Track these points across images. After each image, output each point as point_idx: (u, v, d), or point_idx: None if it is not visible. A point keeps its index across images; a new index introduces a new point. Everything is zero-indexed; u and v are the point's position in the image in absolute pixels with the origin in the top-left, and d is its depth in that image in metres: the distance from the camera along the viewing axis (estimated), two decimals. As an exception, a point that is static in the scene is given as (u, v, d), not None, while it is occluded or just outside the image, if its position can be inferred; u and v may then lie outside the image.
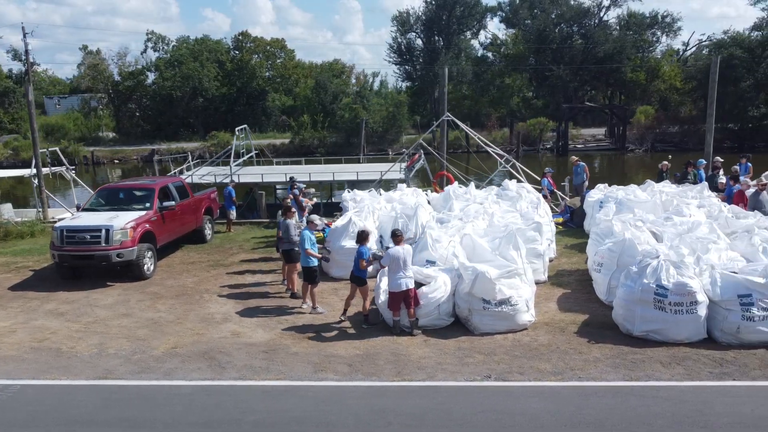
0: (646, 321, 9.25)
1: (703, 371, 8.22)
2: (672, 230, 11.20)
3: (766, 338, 8.83)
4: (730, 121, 41.73)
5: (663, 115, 46.97)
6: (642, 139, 43.60)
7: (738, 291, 8.94)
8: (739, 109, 39.90)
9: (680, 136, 43.44)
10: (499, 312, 9.75)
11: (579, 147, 45.69)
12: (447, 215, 13.51)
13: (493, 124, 48.97)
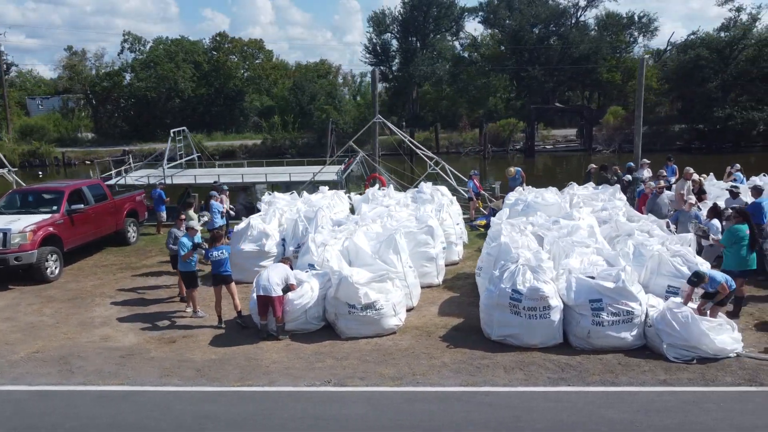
0: (503, 325, 9.24)
1: (542, 377, 8.20)
2: (554, 233, 11.17)
3: (616, 343, 8.82)
4: (698, 122, 41.67)
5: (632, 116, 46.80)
6: (610, 139, 43.52)
7: (590, 296, 8.93)
8: (707, 109, 39.83)
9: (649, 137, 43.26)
10: (364, 316, 9.74)
11: (548, 148, 45.65)
12: (350, 218, 13.47)
13: (465, 125, 48.87)
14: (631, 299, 8.82)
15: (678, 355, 8.48)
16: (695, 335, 8.37)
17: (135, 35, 58.68)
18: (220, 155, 45.75)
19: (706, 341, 8.36)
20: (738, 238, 9.71)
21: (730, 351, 8.50)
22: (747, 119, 38.23)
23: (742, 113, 38.42)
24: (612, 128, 44.25)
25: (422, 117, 54.88)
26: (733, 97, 39.31)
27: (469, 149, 45.18)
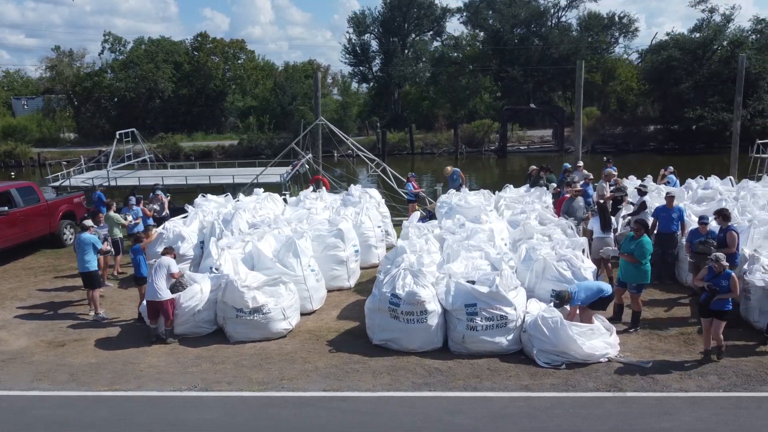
0: (384, 330, 9.25)
1: (407, 382, 8.20)
2: (455, 237, 11.17)
3: (491, 348, 8.82)
4: (672, 123, 41.64)
5: (605, 116, 46.92)
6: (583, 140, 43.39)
7: (466, 300, 8.92)
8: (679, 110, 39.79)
9: (623, 137, 43.34)
10: (251, 320, 9.74)
11: (522, 149, 45.62)
12: (268, 221, 13.44)
13: (441, 126, 48.86)
14: (505, 304, 8.81)
15: (549, 360, 8.48)
16: (563, 340, 8.37)
17: (116, 35, 58.74)
18: (196, 156, 45.86)
19: (574, 346, 8.36)
20: (647, 252, 9.63)
21: (599, 356, 8.50)
22: (718, 120, 38.18)
23: (713, 114, 38.37)
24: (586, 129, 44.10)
25: (404, 118, 54.91)
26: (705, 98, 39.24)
27: (443, 150, 45.15)
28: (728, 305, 8.31)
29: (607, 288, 9.00)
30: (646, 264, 9.47)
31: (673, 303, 10.94)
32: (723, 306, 8.28)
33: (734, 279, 8.24)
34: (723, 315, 8.31)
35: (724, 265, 8.24)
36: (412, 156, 44.40)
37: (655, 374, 8.17)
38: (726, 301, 8.25)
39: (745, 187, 15.23)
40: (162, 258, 9.97)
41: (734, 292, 8.26)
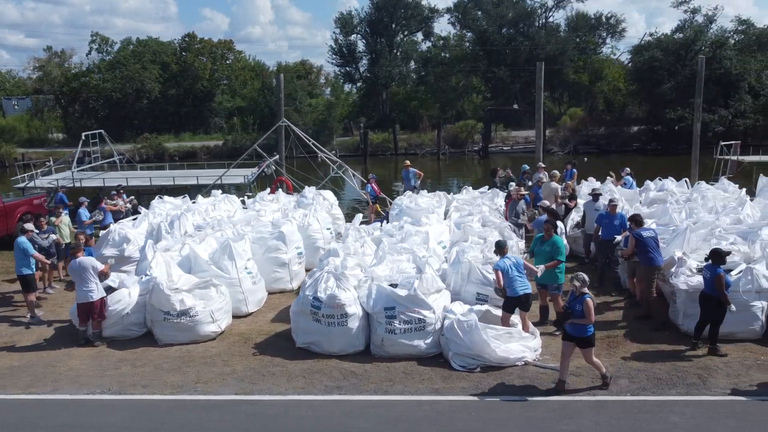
0: (306, 332, 9.26)
1: (320, 385, 8.21)
2: (391, 240, 11.18)
3: (409, 351, 8.83)
4: (655, 124, 41.63)
5: (588, 117, 46.90)
6: (566, 141, 43.50)
7: (386, 303, 8.93)
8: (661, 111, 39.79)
9: (605, 138, 43.33)
10: (178, 323, 9.74)
11: (505, 149, 45.60)
12: (212, 223, 13.43)
13: (425, 126, 48.83)
14: (423, 307, 8.82)
15: (464, 363, 8.49)
16: (478, 344, 8.38)
17: (103, 36, 58.76)
18: (180, 156, 45.85)
19: (488, 350, 8.36)
20: (563, 248, 9.68)
21: (515, 359, 8.51)
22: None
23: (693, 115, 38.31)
24: (569, 129, 44.21)
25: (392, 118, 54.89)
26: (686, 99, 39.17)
27: (426, 151, 45.15)
28: (587, 331, 7.57)
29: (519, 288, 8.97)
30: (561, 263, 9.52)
31: (608, 307, 10.93)
32: (582, 332, 7.58)
33: (588, 304, 7.43)
34: (585, 341, 7.63)
35: (581, 290, 7.55)
36: (396, 157, 44.36)
37: (569, 377, 8.16)
38: (584, 327, 7.55)
39: (698, 189, 15.25)
40: (82, 260, 9.89)
41: (587, 318, 7.46)
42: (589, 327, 7.59)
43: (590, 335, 7.64)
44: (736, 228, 11.57)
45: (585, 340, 7.64)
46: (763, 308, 9.18)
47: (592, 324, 7.59)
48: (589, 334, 7.62)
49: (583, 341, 7.65)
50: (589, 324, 7.56)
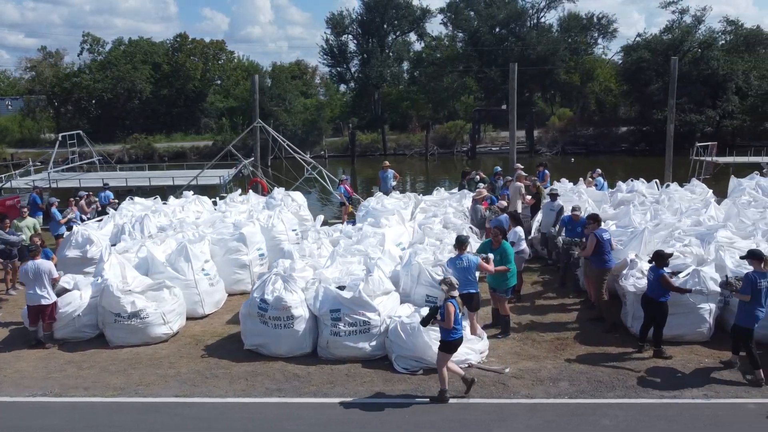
0: (254, 335, 9.26)
1: (261, 388, 8.21)
2: (346, 241, 11.18)
3: (354, 353, 8.82)
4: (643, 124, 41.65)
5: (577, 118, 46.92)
6: (554, 142, 43.50)
7: (332, 306, 8.93)
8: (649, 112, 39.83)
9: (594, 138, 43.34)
10: (129, 325, 9.75)
11: (494, 150, 45.62)
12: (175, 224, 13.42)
13: (414, 127, 48.84)
14: (368, 309, 8.82)
15: (407, 366, 8.49)
16: (420, 346, 8.38)
17: (94, 36, 58.79)
18: (170, 157, 45.90)
19: (430, 352, 8.34)
20: (512, 255, 9.67)
21: (458, 362, 8.44)
22: (685, 122, 38.17)
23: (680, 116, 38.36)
24: (557, 130, 44.21)
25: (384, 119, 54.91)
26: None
27: (414, 151, 45.18)
28: (449, 335, 7.44)
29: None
30: (513, 268, 9.50)
31: (564, 308, 10.94)
32: (443, 335, 7.49)
33: (448, 309, 7.30)
34: (443, 344, 7.52)
35: (449, 294, 7.49)
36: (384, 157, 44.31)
37: (510, 380, 8.19)
38: (446, 330, 7.43)
39: (666, 191, 15.25)
40: (40, 263, 9.94)
41: (447, 323, 7.33)
42: (452, 332, 7.43)
43: (450, 341, 7.48)
44: (695, 230, 11.56)
45: (443, 343, 7.54)
46: (710, 310, 9.17)
47: (455, 330, 7.43)
48: (450, 339, 7.47)
49: (442, 344, 7.56)
50: (448, 328, 7.39)
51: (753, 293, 7.85)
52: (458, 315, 7.46)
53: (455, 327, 7.41)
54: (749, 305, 7.92)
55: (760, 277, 7.85)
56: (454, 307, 7.39)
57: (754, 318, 7.97)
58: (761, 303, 7.90)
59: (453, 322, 7.33)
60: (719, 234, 10.77)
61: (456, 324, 7.41)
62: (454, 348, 7.57)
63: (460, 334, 7.53)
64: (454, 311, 7.34)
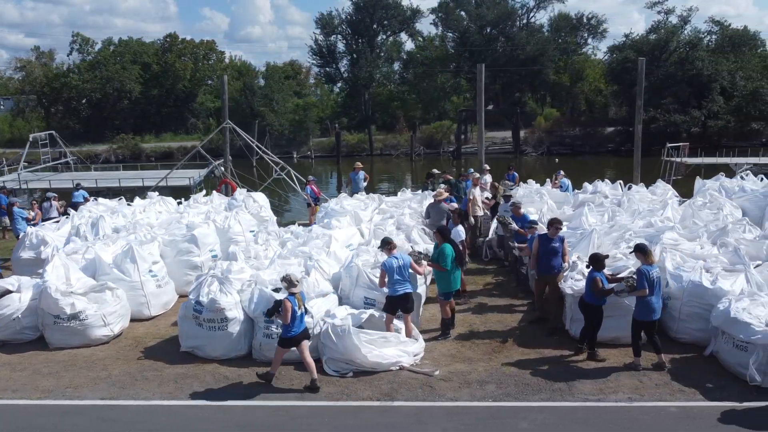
0: (189, 337, 9.24)
1: (189, 390, 8.17)
2: (293, 242, 11.16)
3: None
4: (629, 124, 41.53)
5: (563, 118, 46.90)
6: (540, 142, 43.47)
7: (265, 307, 8.87)
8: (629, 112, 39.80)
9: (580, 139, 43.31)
10: (68, 327, 9.71)
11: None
12: (129, 226, 13.38)
13: (402, 127, 48.81)
14: (301, 311, 8.77)
15: (338, 368, 8.46)
16: (350, 348, 8.35)
17: (84, 36, 58.75)
18: (157, 157, 45.91)
19: (359, 355, 8.33)
20: (448, 257, 9.63)
21: (389, 364, 8.47)
22: (669, 122, 38.14)
23: (665, 116, 38.36)
24: (543, 131, 44.18)
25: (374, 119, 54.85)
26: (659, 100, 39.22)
27: (400, 152, 45.16)
28: (286, 331, 7.82)
29: (400, 288, 8.92)
30: (453, 271, 9.44)
31: (510, 309, 10.90)
32: (282, 331, 7.94)
33: (285, 305, 7.65)
34: (280, 340, 7.96)
35: (289, 290, 7.83)
36: (371, 157, 44.37)
37: (438, 382, 8.15)
38: (284, 326, 7.82)
39: (627, 192, 15.22)
40: None
41: (283, 318, 7.70)
42: (290, 329, 7.74)
43: (287, 337, 7.80)
44: (645, 231, 11.52)
45: (280, 338, 7.94)
46: (647, 313, 9.13)
47: (292, 326, 7.74)
48: (288, 335, 7.78)
49: (279, 339, 7.97)
50: (285, 323, 7.71)
51: (649, 285, 8.00)
52: (296, 312, 7.77)
53: (292, 324, 7.74)
54: (645, 298, 8.06)
55: (651, 269, 8.05)
56: (291, 303, 7.67)
57: (652, 310, 8.13)
58: (656, 294, 8.07)
59: (289, 318, 7.64)
60: (665, 236, 10.74)
61: (293, 321, 7.72)
62: (289, 344, 7.89)
63: (297, 331, 7.84)
64: (291, 308, 7.64)
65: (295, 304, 7.71)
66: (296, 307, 7.75)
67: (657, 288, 8.10)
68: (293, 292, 7.79)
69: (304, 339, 7.96)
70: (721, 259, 9.68)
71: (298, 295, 7.93)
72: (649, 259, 8.18)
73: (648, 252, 8.25)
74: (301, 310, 7.94)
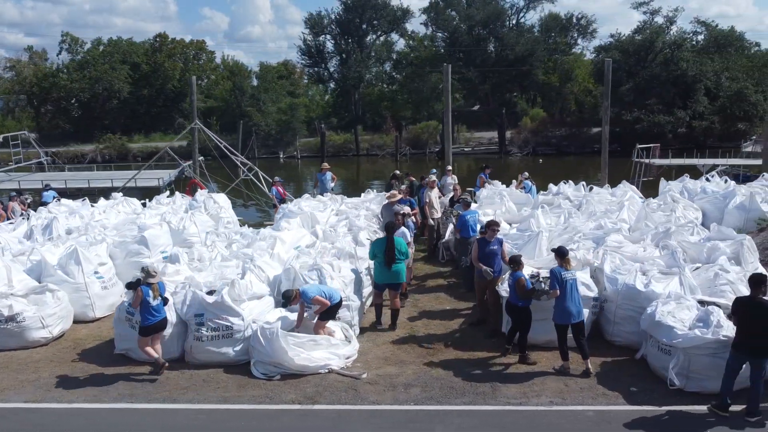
0: (123, 339, 9.21)
1: (114, 393, 8.13)
2: (241, 243, 11.14)
3: (218, 358, 8.76)
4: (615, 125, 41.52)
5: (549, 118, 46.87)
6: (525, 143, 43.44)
7: (197, 310, 8.87)
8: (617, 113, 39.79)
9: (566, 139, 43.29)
10: (5, 329, 9.65)
11: (467, 150, 45.58)
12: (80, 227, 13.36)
13: (388, 127, 48.77)
14: (231, 314, 8.76)
15: (266, 371, 8.44)
16: (277, 351, 8.32)
17: (73, 36, 58.71)
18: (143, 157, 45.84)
19: (286, 357, 8.31)
20: (374, 252, 9.75)
21: (316, 367, 8.45)
22: (654, 122, 38.12)
23: (649, 117, 38.32)
24: (529, 131, 44.15)
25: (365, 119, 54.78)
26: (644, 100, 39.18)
27: (386, 152, 45.14)
28: (142, 321, 8.37)
29: (336, 295, 8.93)
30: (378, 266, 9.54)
31: (455, 312, 10.88)
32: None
33: (137, 293, 8.25)
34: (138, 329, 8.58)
35: (147, 281, 8.38)
36: (358, 158, 44.35)
37: (363, 386, 8.13)
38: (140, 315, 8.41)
39: (588, 193, 15.21)
40: None
41: (134, 305, 8.38)
42: (146, 318, 8.31)
43: (144, 325, 8.33)
44: (594, 233, 11.51)
45: (140, 327, 8.43)
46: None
47: (146, 315, 8.34)
48: (144, 324, 8.32)
49: (139, 328, 8.46)
50: (134, 308, 8.48)
51: (560, 287, 8.03)
52: (148, 301, 8.23)
53: (145, 312, 8.26)
54: (560, 301, 8.08)
55: (564, 272, 8.07)
56: (143, 292, 8.18)
57: (567, 314, 8.12)
58: (570, 297, 8.06)
59: (137, 304, 8.24)
60: (610, 238, 10.74)
61: (146, 309, 8.24)
62: (147, 332, 8.35)
63: (153, 320, 8.31)
64: (141, 296, 8.17)
65: (147, 294, 8.22)
66: (148, 297, 8.23)
67: (570, 291, 8.07)
68: (149, 283, 8.30)
69: (162, 329, 8.50)
70: (658, 261, 9.66)
71: (155, 285, 8.37)
72: (565, 262, 8.16)
73: (564, 255, 8.25)
74: (157, 301, 8.36)
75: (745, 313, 6.90)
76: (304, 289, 8.69)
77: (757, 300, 6.91)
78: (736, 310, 7.00)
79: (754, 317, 6.83)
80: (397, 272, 9.83)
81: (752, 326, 6.83)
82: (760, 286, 6.93)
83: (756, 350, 6.85)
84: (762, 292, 6.92)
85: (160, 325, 8.42)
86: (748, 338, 6.87)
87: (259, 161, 46.54)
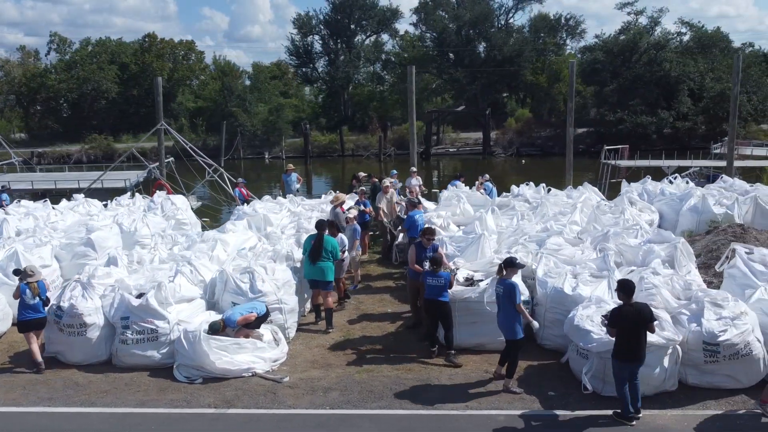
0: (52, 342, 9.21)
1: (34, 397, 8.11)
2: (182, 245, 11.13)
3: (143, 361, 8.75)
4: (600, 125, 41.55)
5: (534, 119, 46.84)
6: (510, 143, 43.42)
7: (123, 313, 8.87)
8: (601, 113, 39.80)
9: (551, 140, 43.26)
10: (-61, 332, 9.68)
11: (451, 150, 45.55)
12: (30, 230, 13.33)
13: (374, 128, 48.74)
14: (157, 317, 8.75)
15: (189, 374, 8.43)
16: (199, 354, 8.31)
17: (62, 36, 58.72)
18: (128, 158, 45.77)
19: (208, 361, 8.29)
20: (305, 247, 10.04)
21: (239, 371, 8.43)
22: (637, 123, 38.08)
23: (632, 117, 38.28)
24: (513, 132, 44.12)
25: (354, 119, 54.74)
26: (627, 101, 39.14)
27: (371, 152, 45.10)
28: (19, 316, 8.82)
29: (261, 307, 8.93)
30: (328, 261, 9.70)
31: (394, 315, 10.86)
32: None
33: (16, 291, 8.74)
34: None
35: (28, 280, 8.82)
36: (343, 158, 44.33)
37: (283, 390, 8.11)
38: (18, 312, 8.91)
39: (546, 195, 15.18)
40: None
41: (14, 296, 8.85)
42: (23, 314, 8.71)
43: (21, 320, 8.74)
44: (538, 236, 11.50)
45: (17, 323, 8.91)
46: (512, 319, 9.08)
47: (23, 312, 8.72)
48: (21, 319, 8.73)
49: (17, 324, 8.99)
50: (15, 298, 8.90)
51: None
52: (25, 299, 8.61)
53: (23, 309, 8.68)
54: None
55: (498, 284, 7.95)
56: (20, 290, 8.63)
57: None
58: (499, 308, 7.98)
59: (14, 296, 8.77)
60: (549, 241, 10.73)
61: (24, 306, 8.64)
62: (25, 327, 8.74)
63: (29, 317, 8.68)
64: (19, 294, 8.64)
65: (24, 292, 8.61)
66: (25, 295, 8.62)
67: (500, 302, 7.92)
68: (29, 282, 8.68)
69: (39, 327, 8.81)
70: (590, 265, 9.64)
71: (34, 284, 8.71)
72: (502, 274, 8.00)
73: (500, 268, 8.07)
74: (35, 300, 8.69)
75: (623, 322, 6.86)
76: (227, 316, 8.67)
77: (629, 307, 6.91)
78: (615, 322, 6.94)
79: (633, 324, 6.83)
80: (321, 269, 9.87)
81: (630, 334, 6.84)
82: (630, 293, 6.95)
83: (638, 357, 6.89)
84: (630, 298, 6.96)
85: (38, 323, 8.72)
86: (628, 345, 6.88)
87: (244, 162, 46.65)
